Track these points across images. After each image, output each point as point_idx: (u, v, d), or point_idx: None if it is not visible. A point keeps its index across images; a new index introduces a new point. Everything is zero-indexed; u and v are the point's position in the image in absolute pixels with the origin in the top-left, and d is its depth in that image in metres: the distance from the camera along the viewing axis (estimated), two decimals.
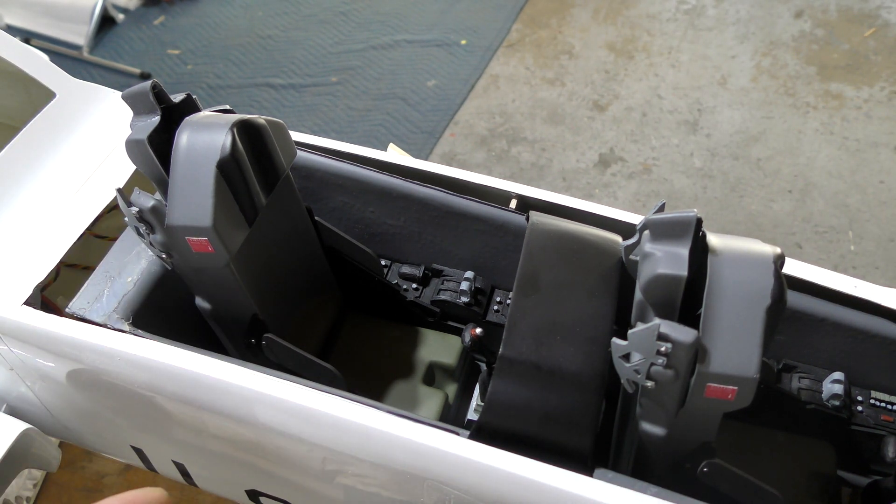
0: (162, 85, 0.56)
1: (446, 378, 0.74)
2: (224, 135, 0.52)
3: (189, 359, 0.57)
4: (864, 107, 2.05)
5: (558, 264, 0.55)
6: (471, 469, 0.52)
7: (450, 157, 2.06)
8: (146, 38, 2.50)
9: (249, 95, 2.27)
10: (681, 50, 2.26)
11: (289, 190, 0.64)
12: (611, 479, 0.50)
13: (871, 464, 0.67)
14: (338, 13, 2.53)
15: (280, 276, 0.68)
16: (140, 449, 0.76)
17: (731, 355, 0.45)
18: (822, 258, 1.74)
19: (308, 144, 0.76)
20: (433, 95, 2.22)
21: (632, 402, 0.55)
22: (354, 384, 0.69)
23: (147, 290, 0.62)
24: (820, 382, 0.66)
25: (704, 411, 0.49)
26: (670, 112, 2.10)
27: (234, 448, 0.66)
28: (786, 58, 2.20)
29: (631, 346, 0.46)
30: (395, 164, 0.75)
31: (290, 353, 0.61)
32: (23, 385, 0.71)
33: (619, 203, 1.91)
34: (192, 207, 0.52)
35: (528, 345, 0.52)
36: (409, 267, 0.76)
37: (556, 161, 2.01)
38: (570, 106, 2.14)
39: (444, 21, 2.46)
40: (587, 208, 0.68)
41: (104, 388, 0.63)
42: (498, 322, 0.74)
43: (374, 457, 0.55)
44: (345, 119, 2.18)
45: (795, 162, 1.95)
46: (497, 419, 0.51)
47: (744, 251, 0.47)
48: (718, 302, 0.46)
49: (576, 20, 2.40)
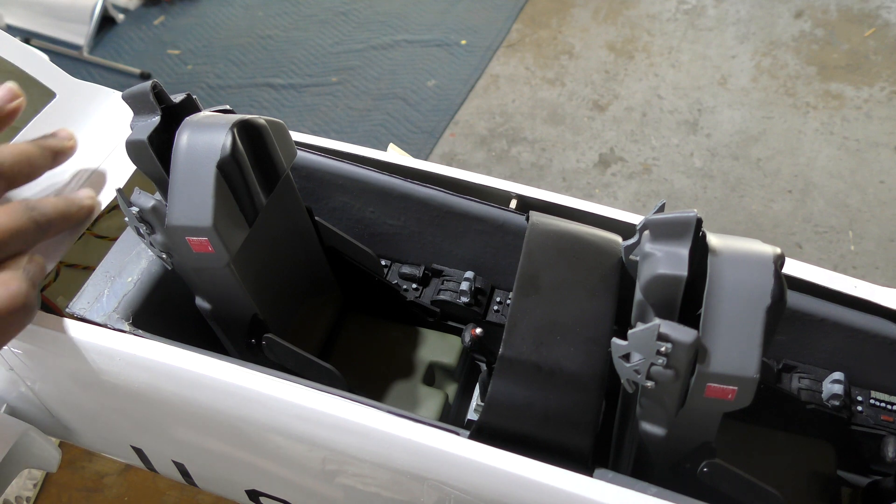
0: (162, 85, 0.56)
1: (446, 378, 0.74)
2: (224, 135, 0.52)
3: (189, 359, 0.57)
4: (864, 107, 2.05)
5: (558, 264, 0.55)
6: (471, 469, 0.51)
7: (450, 157, 2.06)
8: (146, 38, 2.50)
9: (249, 95, 2.27)
10: (681, 50, 2.26)
11: (289, 190, 0.64)
12: (611, 479, 0.50)
13: (871, 464, 0.67)
14: (338, 13, 2.53)
15: (280, 276, 0.67)
16: (140, 449, 0.75)
17: (731, 355, 0.45)
18: (822, 258, 1.74)
19: (308, 144, 0.76)
20: (433, 95, 2.22)
21: (632, 403, 0.55)
22: (354, 384, 0.69)
23: (147, 290, 0.62)
24: (820, 382, 0.66)
25: (704, 411, 0.49)
26: (670, 112, 2.10)
27: (234, 448, 0.66)
28: (786, 58, 2.20)
29: (631, 346, 0.46)
30: (395, 164, 0.74)
31: (290, 353, 0.61)
32: (23, 385, 0.71)
33: (619, 203, 1.91)
34: (193, 207, 0.52)
35: (528, 345, 0.52)
36: (409, 267, 0.76)
37: (556, 161, 2.01)
38: (571, 106, 2.14)
39: (444, 21, 2.46)
40: (587, 208, 0.68)
41: (104, 388, 0.63)
42: (498, 322, 0.74)
43: (374, 457, 0.55)
44: (345, 119, 2.18)
45: (795, 162, 1.95)
46: (497, 419, 0.51)
47: (744, 251, 0.47)
48: (718, 302, 0.46)
49: (576, 20, 2.40)
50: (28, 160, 0.57)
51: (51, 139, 0.60)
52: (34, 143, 0.58)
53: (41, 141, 0.59)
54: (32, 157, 0.57)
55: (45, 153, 0.58)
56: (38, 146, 0.58)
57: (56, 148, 0.59)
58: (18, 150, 0.56)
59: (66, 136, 0.61)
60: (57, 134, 0.60)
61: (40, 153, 0.58)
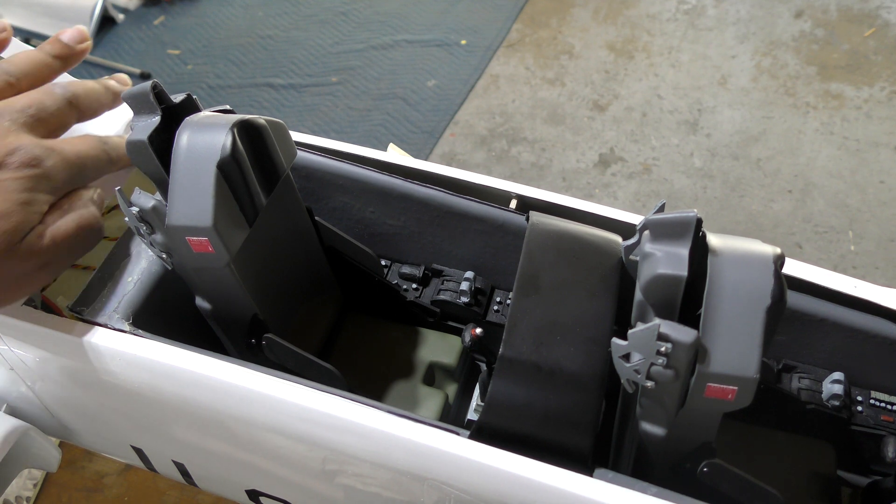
0: (162, 85, 0.56)
1: (446, 378, 0.74)
2: (224, 135, 0.52)
3: (189, 359, 0.57)
4: (864, 107, 2.05)
5: (558, 264, 0.55)
6: (471, 469, 0.51)
7: (450, 157, 2.06)
8: (146, 38, 2.50)
9: (249, 95, 2.27)
10: (681, 50, 2.26)
11: (289, 190, 0.64)
12: (611, 479, 0.50)
13: (871, 464, 0.67)
14: (338, 13, 2.53)
15: (280, 276, 0.67)
16: (140, 449, 0.75)
17: (731, 355, 0.45)
18: (822, 258, 1.74)
19: (308, 144, 0.76)
20: (433, 95, 2.22)
21: (632, 403, 0.55)
22: (354, 384, 0.69)
23: (147, 290, 0.62)
24: (820, 382, 0.66)
25: (704, 411, 0.49)
26: (670, 112, 2.10)
27: (234, 448, 0.66)
28: (786, 58, 2.20)
29: (631, 346, 0.46)
30: (395, 164, 0.74)
31: (290, 353, 0.61)
32: (23, 385, 0.71)
33: (619, 203, 1.91)
34: (193, 207, 0.52)
35: (528, 345, 0.52)
36: (409, 267, 0.76)
37: (556, 161, 2.01)
38: (571, 106, 2.14)
39: (444, 21, 2.46)
40: (587, 208, 0.68)
41: (104, 388, 0.63)
42: (498, 322, 0.74)
43: (374, 456, 0.55)
44: (345, 119, 2.18)
45: (795, 162, 1.95)
46: (497, 419, 0.51)
47: (744, 251, 0.47)
48: (718, 302, 0.46)
49: (576, 20, 2.40)
50: (97, 98, 0.61)
51: (111, 81, 0.63)
52: (99, 83, 0.62)
53: (104, 81, 0.63)
54: (100, 96, 0.61)
55: (108, 93, 0.62)
56: (104, 85, 0.62)
57: (116, 90, 0.63)
58: (90, 86, 0.61)
59: (124, 81, 0.64)
60: (116, 77, 0.64)
61: (105, 92, 0.62)
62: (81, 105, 0.60)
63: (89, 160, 0.57)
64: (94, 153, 0.58)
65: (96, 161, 0.57)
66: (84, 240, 0.56)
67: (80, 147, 0.57)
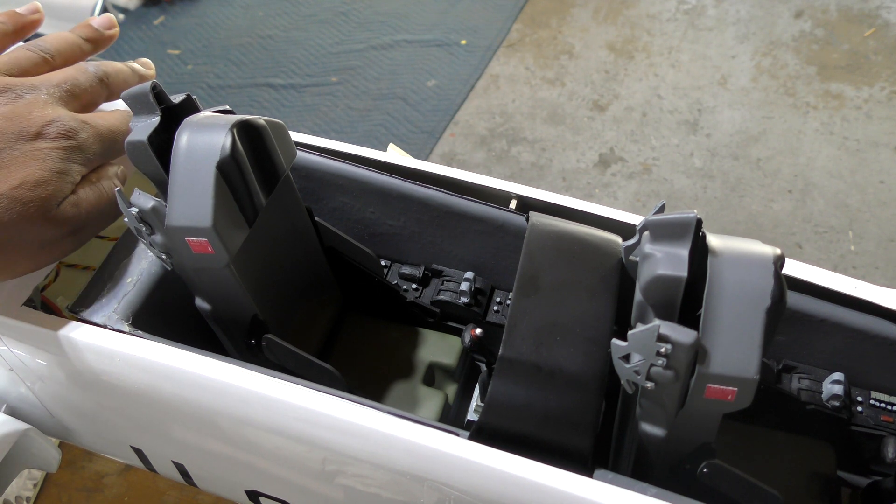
0: (162, 85, 0.56)
1: (446, 378, 0.74)
2: (224, 135, 0.52)
3: (189, 359, 0.57)
4: (864, 107, 2.05)
5: (558, 265, 0.55)
6: (471, 470, 0.51)
7: (450, 157, 2.06)
8: (146, 38, 2.50)
9: (249, 95, 2.27)
10: (681, 50, 2.26)
11: (289, 190, 0.64)
12: (611, 480, 0.50)
13: (871, 464, 0.67)
14: (338, 13, 2.53)
15: (280, 276, 0.67)
16: (140, 449, 0.76)
17: (731, 356, 0.45)
18: (822, 258, 1.74)
19: (308, 144, 0.76)
20: (433, 95, 2.22)
21: (632, 403, 0.55)
22: (354, 385, 0.69)
23: (147, 291, 0.62)
24: (820, 383, 0.66)
25: (704, 412, 0.49)
26: (670, 112, 2.10)
27: (234, 448, 0.66)
28: (786, 58, 2.20)
29: (631, 346, 0.46)
30: (395, 165, 0.74)
31: (290, 354, 0.61)
32: (23, 385, 0.71)
33: (619, 203, 1.91)
34: (192, 208, 0.51)
35: (528, 345, 0.52)
36: (409, 267, 0.76)
37: (556, 161, 2.01)
38: (570, 106, 2.14)
39: (444, 21, 2.46)
40: (587, 208, 0.68)
41: (104, 388, 0.63)
42: (498, 322, 0.74)
43: (373, 457, 0.55)
44: (345, 119, 2.18)
45: (795, 162, 1.95)
46: (497, 420, 0.51)
47: (744, 252, 0.47)
48: (718, 303, 0.46)
49: (576, 20, 2.40)
50: (125, 78, 0.64)
51: (137, 64, 0.67)
52: (127, 65, 0.65)
53: (131, 64, 0.66)
54: (128, 77, 0.65)
55: (135, 75, 0.65)
56: (131, 67, 0.65)
57: (142, 73, 0.66)
58: (119, 67, 0.64)
59: (149, 65, 0.68)
60: (142, 61, 0.68)
61: (132, 74, 0.65)
62: (111, 84, 0.63)
63: (119, 135, 0.60)
64: (123, 128, 0.60)
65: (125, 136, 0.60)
66: (108, 214, 0.59)
67: (111, 122, 0.60)
